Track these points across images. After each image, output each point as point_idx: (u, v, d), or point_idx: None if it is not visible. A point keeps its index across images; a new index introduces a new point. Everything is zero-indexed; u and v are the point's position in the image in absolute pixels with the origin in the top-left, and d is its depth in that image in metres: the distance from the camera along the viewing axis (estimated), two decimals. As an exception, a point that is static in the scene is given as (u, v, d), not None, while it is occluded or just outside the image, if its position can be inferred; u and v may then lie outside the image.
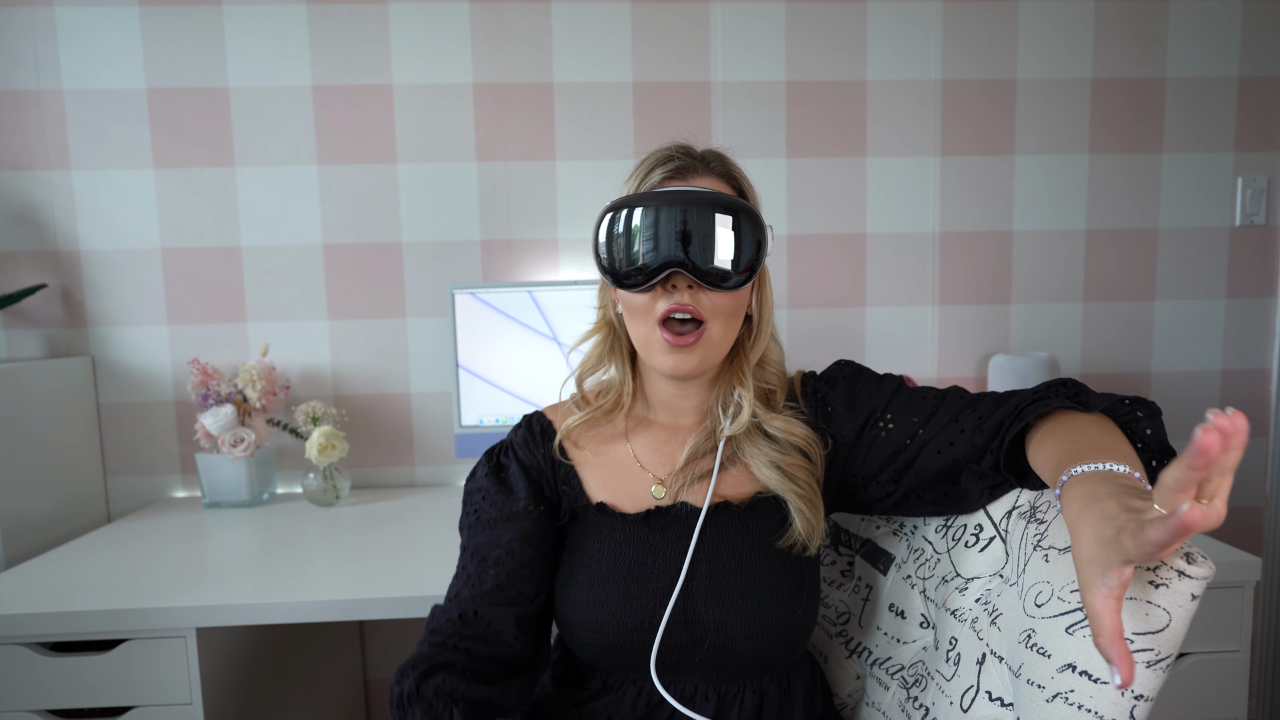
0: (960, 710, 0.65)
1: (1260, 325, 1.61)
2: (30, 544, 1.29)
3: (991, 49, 1.54)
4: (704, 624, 0.69)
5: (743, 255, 0.69)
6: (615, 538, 0.73)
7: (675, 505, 0.74)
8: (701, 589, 0.70)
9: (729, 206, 0.68)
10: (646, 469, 0.77)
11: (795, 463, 0.73)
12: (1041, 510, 0.64)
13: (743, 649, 0.69)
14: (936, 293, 1.59)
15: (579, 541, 0.75)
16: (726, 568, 0.70)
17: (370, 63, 1.48)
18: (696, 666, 0.69)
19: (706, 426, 0.76)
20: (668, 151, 0.73)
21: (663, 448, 0.78)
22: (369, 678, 1.62)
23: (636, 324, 0.72)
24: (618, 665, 0.72)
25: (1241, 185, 1.57)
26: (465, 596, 0.71)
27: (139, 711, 0.98)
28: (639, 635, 0.69)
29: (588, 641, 0.71)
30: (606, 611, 0.70)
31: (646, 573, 0.71)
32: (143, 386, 1.51)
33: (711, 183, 0.72)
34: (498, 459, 0.79)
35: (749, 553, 0.71)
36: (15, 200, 1.46)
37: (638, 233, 0.68)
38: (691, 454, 0.75)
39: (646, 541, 0.72)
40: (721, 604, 0.69)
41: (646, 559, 0.72)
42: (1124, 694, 0.51)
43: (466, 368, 1.40)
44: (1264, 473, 1.65)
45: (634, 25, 1.50)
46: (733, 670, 0.70)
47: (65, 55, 1.44)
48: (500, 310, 1.38)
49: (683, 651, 0.69)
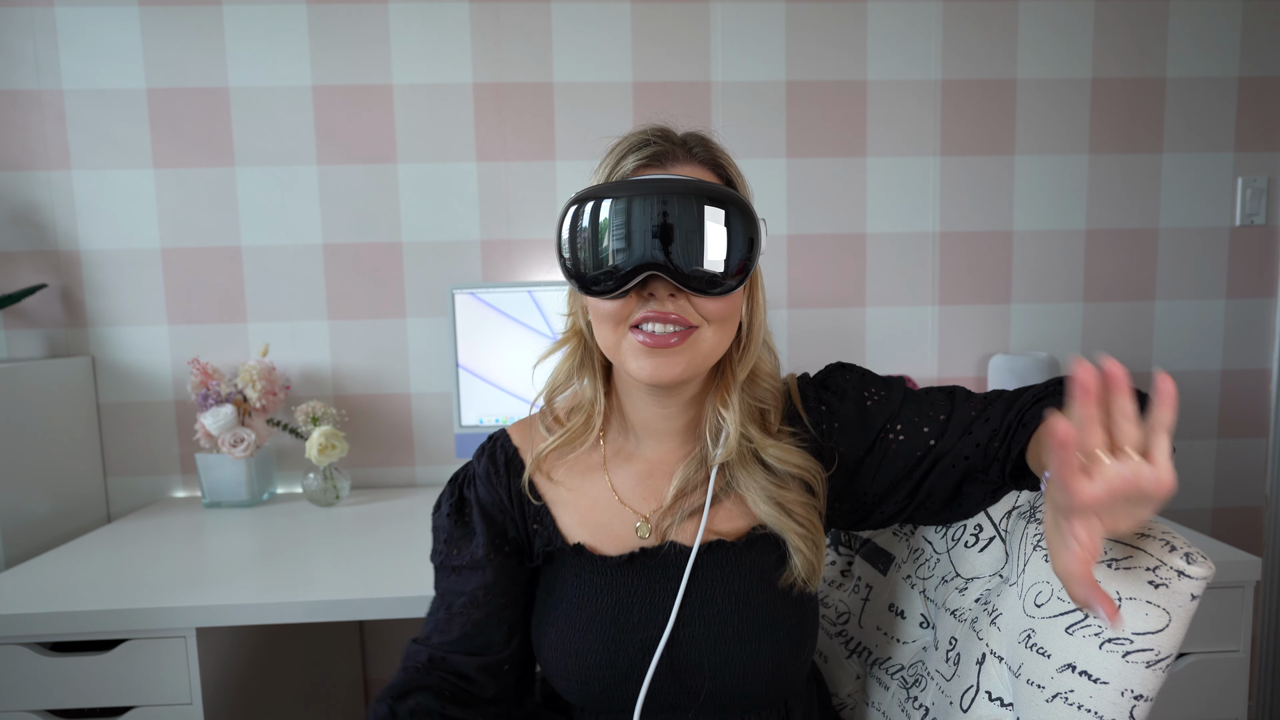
0: (960, 710, 0.65)
1: (1260, 325, 1.61)
2: (30, 544, 1.29)
3: (991, 49, 1.54)
4: (698, 672, 0.63)
5: (734, 255, 0.59)
6: (596, 583, 0.66)
7: (663, 546, 0.66)
8: (694, 635, 0.63)
9: (717, 197, 0.58)
10: (628, 505, 0.68)
11: (794, 498, 0.65)
12: (1041, 510, 0.64)
13: (740, 694, 0.64)
14: (936, 293, 1.59)
15: (555, 583, 0.68)
16: (721, 612, 0.63)
17: (370, 63, 1.48)
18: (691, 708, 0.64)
19: (696, 455, 0.67)
20: (642, 135, 0.62)
21: (646, 481, 0.69)
22: (369, 678, 1.62)
23: (604, 329, 0.62)
24: (605, 709, 0.66)
25: (1241, 185, 1.57)
26: (435, 642, 0.67)
27: (139, 711, 0.98)
28: (628, 684, 0.63)
29: (571, 689, 0.66)
30: (592, 663, 0.64)
31: (633, 621, 0.64)
32: (143, 386, 1.51)
33: (695, 171, 0.62)
34: (460, 493, 0.72)
35: (745, 594, 0.64)
36: (15, 200, 1.46)
37: (606, 229, 0.57)
38: (681, 489, 0.67)
39: (632, 587, 0.65)
40: (716, 651, 0.63)
41: (632, 606, 0.65)
42: (1124, 694, 0.51)
43: (466, 368, 1.40)
44: (1264, 473, 1.65)
45: (634, 25, 1.50)
46: (730, 711, 0.65)
47: (65, 55, 1.44)
48: (500, 310, 1.38)
49: (676, 698, 0.64)
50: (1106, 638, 0.53)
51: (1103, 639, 0.53)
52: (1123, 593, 0.52)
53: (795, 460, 0.65)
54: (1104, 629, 0.53)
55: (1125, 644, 0.52)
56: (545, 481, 0.70)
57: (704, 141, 0.64)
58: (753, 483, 0.65)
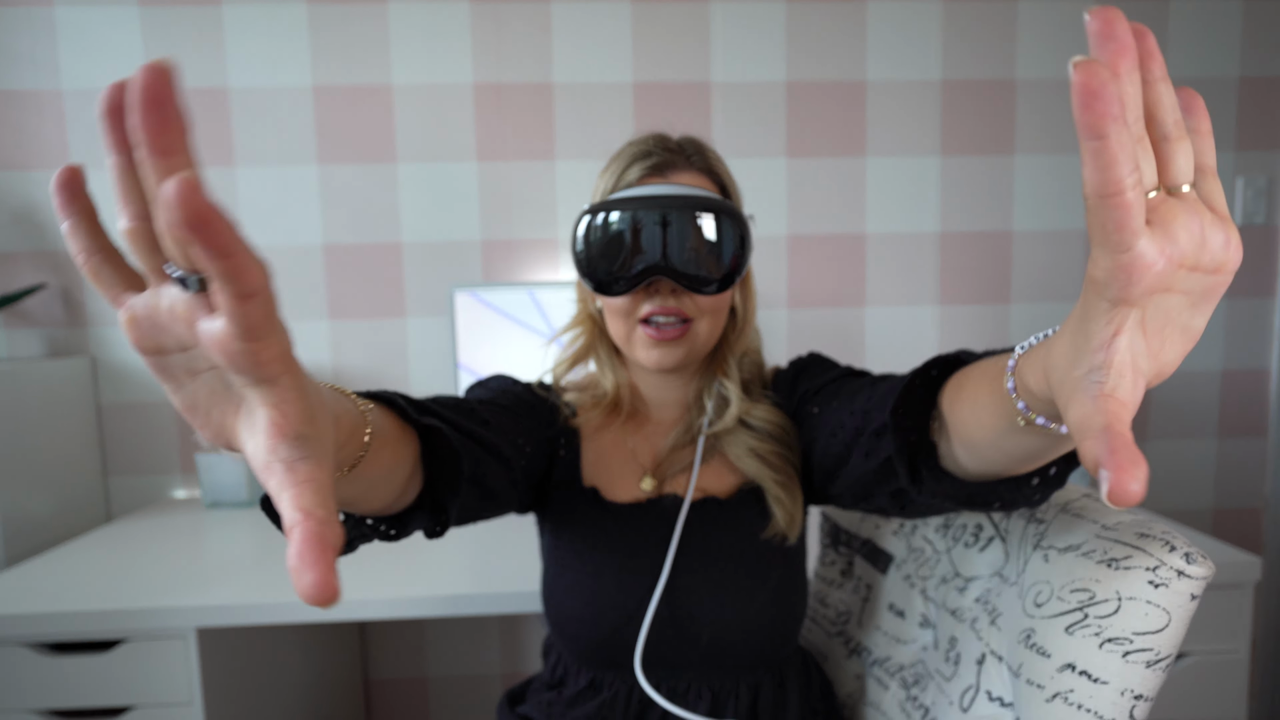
0: (960, 710, 0.65)
1: (1260, 325, 1.61)
2: (30, 544, 1.29)
3: (991, 49, 1.54)
4: (697, 619, 0.68)
5: (727, 256, 0.67)
6: (606, 528, 0.72)
7: (663, 498, 0.73)
8: (691, 584, 0.69)
9: (709, 207, 0.66)
10: (637, 458, 0.76)
11: (772, 449, 0.72)
12: (1041, 510, 0.64)
13: (737, 642, 0.69)
14: (936, 293, 1.59)
15: (566, 525, 0.74)
16: (715, 562, 0.70)
17: (370, 63, 1.48)
18: (691, 663, 0.69)
19: (687, 420, 0.76)
20: (644, 146, 0.70)
21: (651, 440, 0.77)
22: (369, 678, 1.62)
23: (617, 323, 0.71)
24: (609, 662, 0.71)
25: (1242, 185, 1.57)
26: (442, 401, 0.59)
27: (139, 711, 0.98)
28: (630, 629, 0.69)
29: (580, 634, 0.70)
30: (604, 605, 0.69)
31: (637, 564, 0.70)
32: (143, 386, 1.51)
33: (692, 178, 0.70)
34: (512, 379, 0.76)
35: (735, 545, 0.71)
36: (15, 200, 1.46)
37: (616, 238, 0.66)
38: (673, 447, 0.75)
39: (638, 532, 0.72)
40: (714, 599, 0.69)
41: (637, 551, 0.71)
42: (1123, 694, 0.51)
43: (466, 368, 1.40)
44: (1264, 473, 1.65)
45: (634, 25, 1.50)
46: (727, 666, 0.70)
47: (65, 55, 1.44)
48: (500, 310, 1.38)
49: (676, 648, 0.69)
50: (1107, 637, 0.53)
51: (1103, 639, 0.53)
52: (1122, 592, 0.52)
53: (773, 418, 0.73)
54: (1104, 627, 0.53)
55: (1125, 644, 0.52)
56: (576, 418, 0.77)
57: (700, 150, 0.72)
58: (735, 440, 0.73)
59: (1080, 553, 0.57)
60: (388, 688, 1.62)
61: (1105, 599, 0.53)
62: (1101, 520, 0.58)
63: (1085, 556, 0.56)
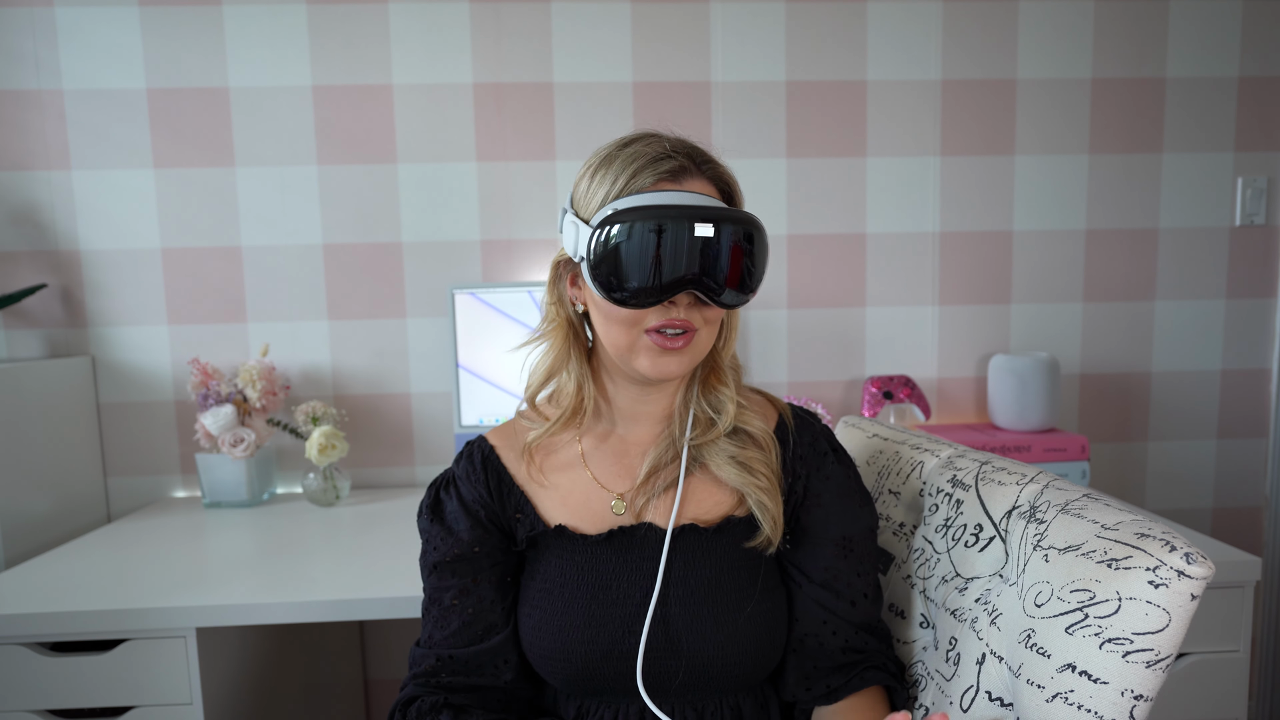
0: (960, 710, 0.65)
1: (1260, 325, 1.61)
2: (30, 544, 1.29)
3: (991, 49, 1.54)
4: (680, 650, 0.67)
5: (757, 273, 0.67)
6: (577, 561, 0.70)
7: (639, 526, 0.71)
8: (675, 614, 0.68)
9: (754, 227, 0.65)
10: (603, 484, 0.73)
11: (754, 454, 0.71)
12: (1041, 510, 0.64)
13: (720, 672, 0.68)
14: (936, 293, 1.59)
15: (538, 566, 0.72)
16: (697, 593, 0.68)
17: (370, 63, 1.48)
18: (675, 690, 0.68)
19: (668, 435, 0.72)
20: (661, 149, 0.65)
21: (620, 460, 0.74)
22: (369, 678, 1.62)
23: (617, 330, 0.67)
24: (591, 691, 0.70)
25: (1241, 185, 1.57)
26: (437, 639, 0.70)
27: (139, 711, 0.98)
28: (608, 662, 0.67)
29: (556, 670, 0.69)
30: (574, 639, 0.67)
31: (612, 597, 0.68)
32: (143, 386, 1.51)
33: (703, 186, 0.67)
34: (437, 494, 0.74)
35: (718, 577, 0.69)
36: (15, 200, 1.46)
37: (653, 248, 0.62)
38: (653, 467, 0.71)
39: (610, 563, 0.69)
40: (697, 630, 0.67)
41: (611, 583, 0.69)
42: (1124, 694, 0.51)
43: (466, 368, 1.40)
44: (1264, 473, 1.65)
45: (634, 25, 1.50)
46: (711, 690, 0.69)
47: (65, 55, 1.44)
48: (500, 310, 1.38)
49: (660, 677, 0.67)
50: (1107, 638, 0.53)
51: (1103, 639, 0.53)
52: (1123, 593, 0.52)
53: (755, 424, 0.72)
54: (1104, 628, 0.53)
55: (1125, 644, 0.52)
56: (525, 473, 0.74)
57: (711, 161, 0.69)
58: (717, 448, 0.71)
59: (1080, 553, 0.57)
60: (388, 688, 1.62)
61: (1105, 599, 0.53)
62: (1101, 520, 0.58)
63: (1085, 557, 0.56)
